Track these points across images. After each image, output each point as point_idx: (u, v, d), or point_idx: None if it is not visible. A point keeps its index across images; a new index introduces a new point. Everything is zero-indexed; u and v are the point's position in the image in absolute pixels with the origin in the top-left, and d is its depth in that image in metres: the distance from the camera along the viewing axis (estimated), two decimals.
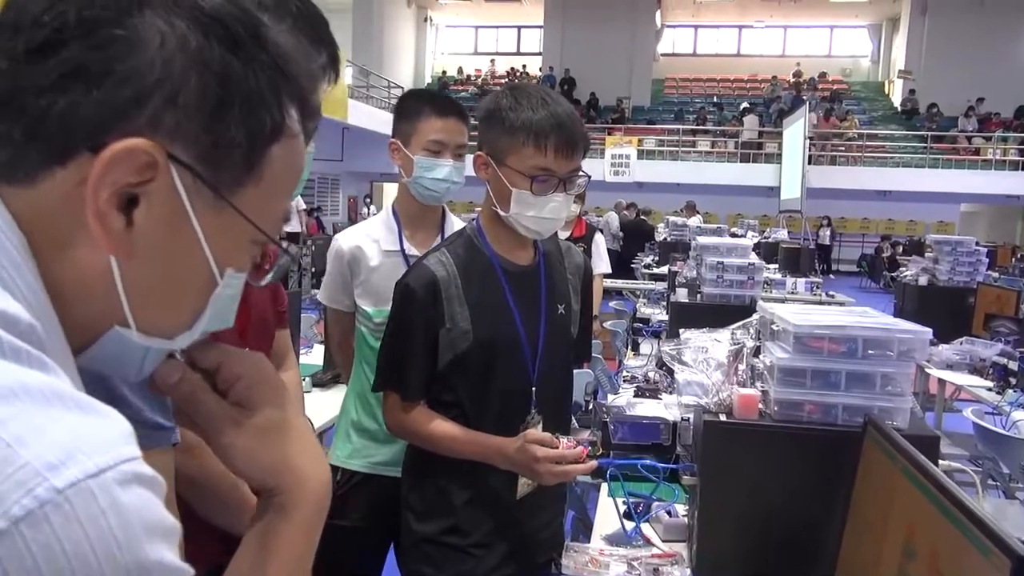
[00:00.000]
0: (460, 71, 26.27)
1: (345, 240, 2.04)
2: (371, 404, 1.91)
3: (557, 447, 1.42)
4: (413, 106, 1.95)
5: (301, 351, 3.15)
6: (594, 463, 1.48)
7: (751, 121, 20.37)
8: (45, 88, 0.45)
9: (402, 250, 1.97)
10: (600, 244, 4.60)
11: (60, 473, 0.35)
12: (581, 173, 1.52)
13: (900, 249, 15.41)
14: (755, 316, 1.64)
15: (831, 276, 15.69)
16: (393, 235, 2.00)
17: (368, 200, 20.44)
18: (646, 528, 1.76)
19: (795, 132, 16.48)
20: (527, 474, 1.47)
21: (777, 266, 8.30)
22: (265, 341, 1.44)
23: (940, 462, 1.31)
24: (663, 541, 1.71)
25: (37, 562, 0.33)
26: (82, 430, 0.38)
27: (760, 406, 1.45)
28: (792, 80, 23.68)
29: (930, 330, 1.41)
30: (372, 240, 2.01)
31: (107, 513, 0.36)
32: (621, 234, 13.60)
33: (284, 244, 0.58)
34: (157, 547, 0.38)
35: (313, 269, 9.26)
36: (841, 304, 7.05)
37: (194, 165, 0.49)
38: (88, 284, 0.49)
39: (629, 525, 1.73)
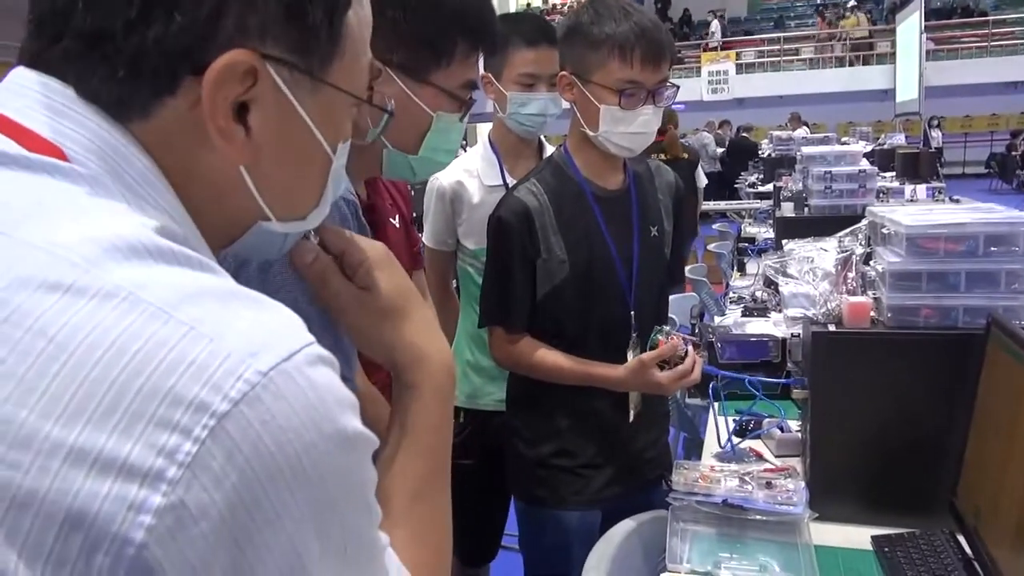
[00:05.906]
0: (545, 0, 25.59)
1: (444, 177, 1.93)
2: (485, 342, 1.85)
3: (668, 356, 1.45)
4: (501, 36, 1.86)
5: None
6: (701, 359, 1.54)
7: (859, 19, 18.93)
8: (132, 22, 0.46)
9: (505, 184, 1.88)
10: None
11: (260, 359, 0.39)
12: (668, 84, 1.47)
13: None
14: (864, 222, 1.56)
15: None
16: (494, 169, 1.93)
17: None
18: (758, 445, 1.74)
19: (910, 27, 15.16)
20: (654, 392, 1.51)
21: (894, 174, 7.79)
22: None
23: None
24: (776, 457, 1.69)
25: (260, 434, 0.38)
26: (265, 321, 0.41)
27: (872, 314, 1.39)
28: None
29: None
30: (472, 176, 1.93)
31: (306, 390, 0.40)
32: (721, 152, 13.10)
33: (382, 103, 0.61)
34: (351, 417, 0.42)
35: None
36: None
37: (288, 58, 0.50)
38: (223, 194, 0.51)
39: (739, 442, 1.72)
